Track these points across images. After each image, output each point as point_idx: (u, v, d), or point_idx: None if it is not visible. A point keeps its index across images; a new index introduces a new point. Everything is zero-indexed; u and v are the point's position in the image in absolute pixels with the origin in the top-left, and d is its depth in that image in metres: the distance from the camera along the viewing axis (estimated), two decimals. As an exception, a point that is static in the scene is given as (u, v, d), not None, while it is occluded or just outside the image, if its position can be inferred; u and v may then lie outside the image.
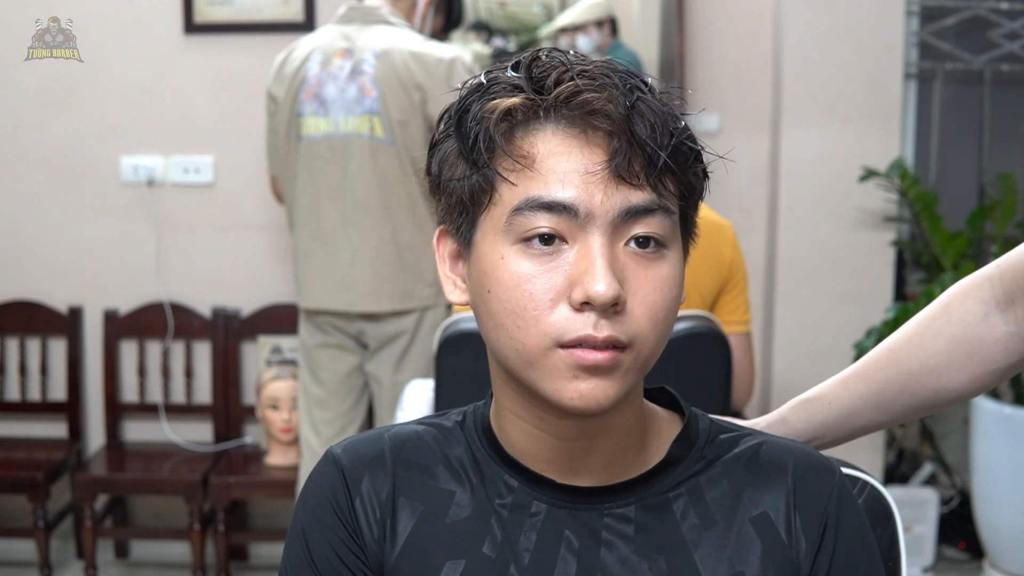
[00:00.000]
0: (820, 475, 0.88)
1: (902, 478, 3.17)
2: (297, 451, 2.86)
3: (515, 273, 0.79)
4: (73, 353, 3.14)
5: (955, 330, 0.98)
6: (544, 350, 0.79)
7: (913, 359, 0.99)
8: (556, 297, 0.78)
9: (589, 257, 0.77)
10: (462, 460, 0.90)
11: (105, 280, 3.13)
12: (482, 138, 0.80)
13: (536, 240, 0.78)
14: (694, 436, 0.90)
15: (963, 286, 0.99)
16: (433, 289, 2.55)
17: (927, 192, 2.88)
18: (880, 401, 1.01)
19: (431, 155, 0.86)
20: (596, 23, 3.68)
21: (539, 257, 0.78)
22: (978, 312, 0.97)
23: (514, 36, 4.02)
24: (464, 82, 0.85)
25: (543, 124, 0.80)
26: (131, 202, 3.09)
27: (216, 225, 3.10)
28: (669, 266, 0.81)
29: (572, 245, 0.78)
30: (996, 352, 0.97)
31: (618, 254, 0.79)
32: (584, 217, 0.77)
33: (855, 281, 2.94)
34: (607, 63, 0.82)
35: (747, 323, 2.10)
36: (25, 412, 3.18)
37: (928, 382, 0.99)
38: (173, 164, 3.07)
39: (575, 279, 0.77)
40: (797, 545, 0.85)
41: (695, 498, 0.87)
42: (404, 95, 2.43)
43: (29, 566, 3.03)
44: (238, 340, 3.12)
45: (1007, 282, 0.96)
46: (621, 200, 0.78)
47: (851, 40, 2.87)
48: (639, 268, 0.79)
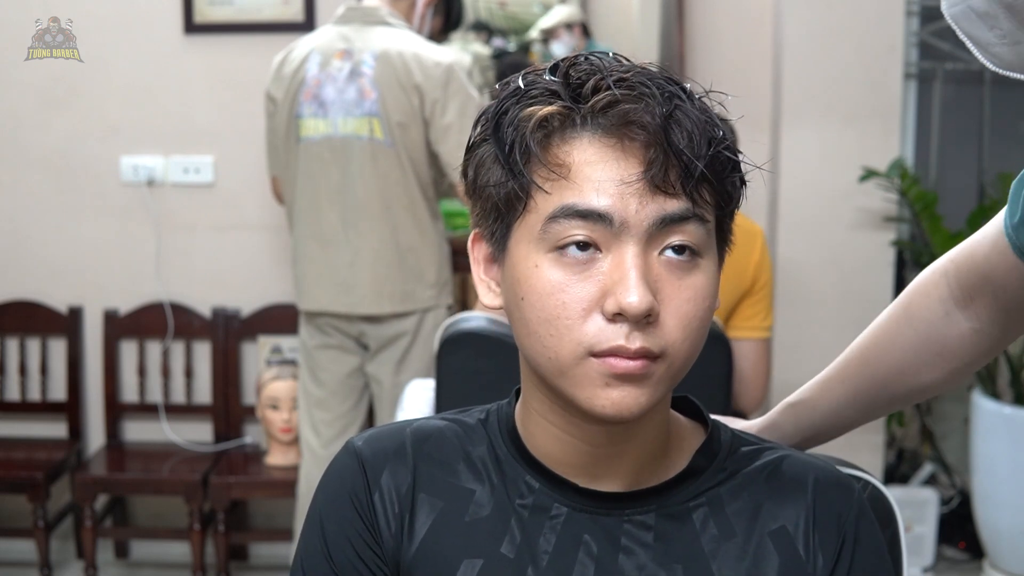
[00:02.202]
0: (840, 491, 0.88)
1: (902, 478, 3.17)
2: (297, 451, 2.86)
3: (548, 282, 0.79)
4: (73, 353, 3.14)
5: (919, 330, 0.97)
6: (577, 359, 0.79)
7: (883, 362, 0.99)
8: (589, 307, 0.78)
9: (623, 267, 0.77)
10: (484, 459, 0.90)
11: (105, 280, 3.13)
12: (518, 146, 0.80)
13: (570, 248, 0.78)
14: (716, 447, 0.90)
15: (921, 284, 0.99)
16: (434, 290, 2.55)
17: (927, 192, 2.88)
18: (860, 401, 1.02)
19: (468, 159, 0.85)
20: (566, 27, 3.72)
21: (573, 266, 0.78)
22: (938, 311, 0.97)
23: (514, 36, 4.02)
24: (504, 82, 0.84)
25: (579, 132, 0.79)
26: (131, 202, 3.09)
27: (216, 225, 3.10)
28: (704, 275, 0.81)
29: (606, 254, 0.78)
30: (962, 348, 0.96)
31: (652, 263, 0.78)
32: (619, 226, 0.77)
33: (855, 281, 2.93)
34: (645, 69, 0.81)
35: (767, 329, 2.09)
36: (25, 412, 3.18)
37: (902, 380, 0.99)
38: (173, 164, 3.07)
39: (608, 289, 0.77)
40: (815, 561, 0.86)
41: (715, 509, 0.87)
42: (403, 97, 2.43)
43: (29, 566, 3.03)
44: (238, 340, 3.12)
45: (963, 279, 0.95)
46: (656, 209, 0.78)
47: (851, 40, 2.87)
48: (673, 278, 0.79)
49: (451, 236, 2.82)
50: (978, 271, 0.93)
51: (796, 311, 2.95)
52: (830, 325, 2.91)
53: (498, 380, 1.10)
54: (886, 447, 3.08)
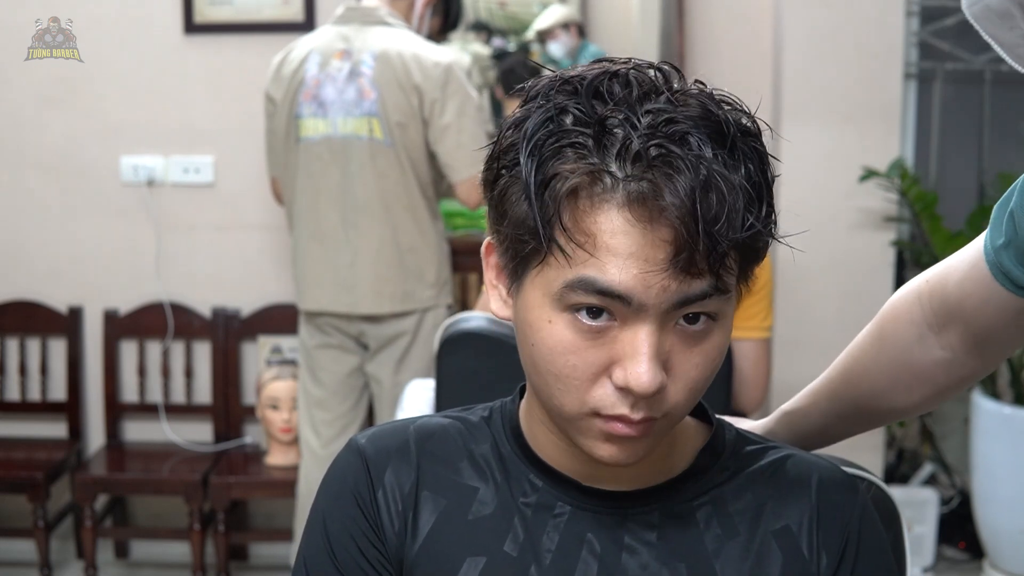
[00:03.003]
0: (844, 492, 0.88)
1: (902, 478, 3.17)
2: (297, 451, 2.86)
3: (560, 341, 0.77)
4: (73, 353, 3.14)
5: (892, 355, 0.95)
6: (581, 415, 0.79)
7: (863, 384, 0.98)
8: (599, 371, 0.77)
9: (635, 343, 0.75)
10: (487, 457, 0.90)
11: (105, 280, 3.13)
12: (542, 208, 0.75)
13: (585, 311, 0.76)
14: (720, 447, 0.90)
15: (893, 307, 0.96)
16: (433, 290, 2.55)
17: (927, 192, 2.88)
18: (847, 415, 1.02)
19: (490, 171, 0.81)
20: (563, 27, 3.73)
21: (586, 331, 0.76)
22: (912, 335, 0.94)
23: (514, 36, 4.02)
24: (531, 89, 0.79)
25: (609, 198, 0.74)
26: (131, 202, 3.09)
27: (216, 225, 3.10)
28: (718, 335, 0.79)
29: (621, 325, 0.76)
30: (938, 373, 0.94)
31: (667, 335, 0.77)
32: (636, 306, 0.75)
33: (855, 281, 2.93)
34: (685, 103, 0.75)
35: (767, 329, 2.09)
36: (25, 412, 3.18)
37: (882, 402, 0.98)
38: (173, 164, 3.07)
39: (619, 358, 0.76)
40: (818, 560, 0.86)
41: (719, 508, 0.87)
42: (403, 97, 2.43)
43: (29, 566, 3.03)
44: (238, 340, 3.12)
45: (936, 306, 0.92)
46: (678, 291, 0.74)
47: (851, 40, 2.87)
48: (685, 347, 0.77)
49: (451, 236, 2.82)
50: (951, 297, 0.91)
51: (796, 311, 2.95)
52: (830, 325, 2.91)
53: (498, 380, 1.10)
54: (886, 447, 3.08)
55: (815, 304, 2.94)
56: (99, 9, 2.95)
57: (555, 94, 0.77)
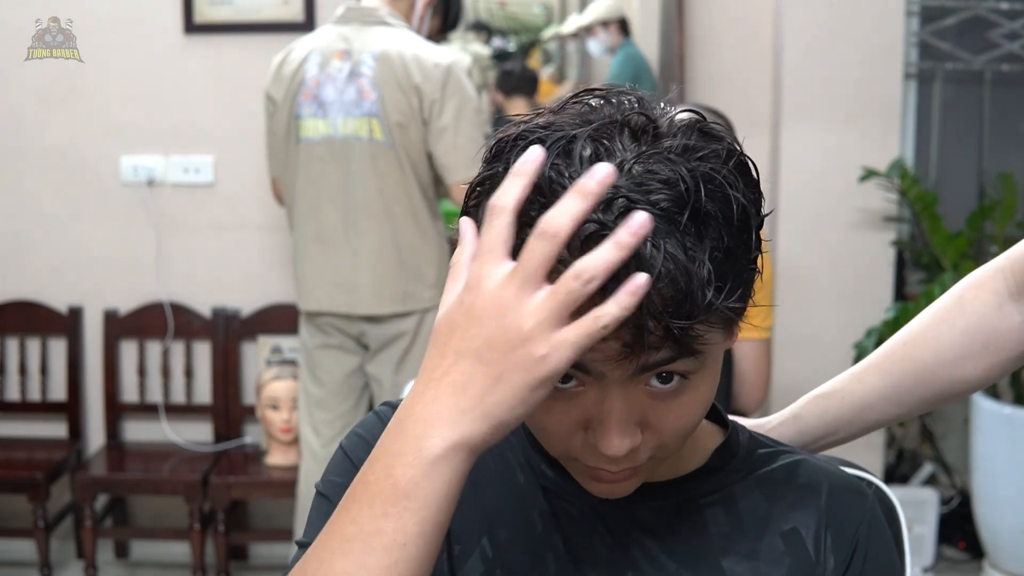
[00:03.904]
0: (853, 498, 0.89)
1: (902, 478, 3.17)
2: (297, 451, 2.86)
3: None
4: (73, 353, 3.14)
5: (969, 321, 0.99)
6: (567, 458, 0.80)
7: (928, 351, 1.00)
8: (574, 427, 0.76)
9: (601, 410, 0.74)
10: (510, 440, 0.90)
11: (105, 280, 3.13)
12: None
13: None
14: (735, 448, 0.91)
15: (976, 277, 1.00)
16: (433, 291, 2.55)
17: (927, 192, 2.88)
18: (895, 394, 1.01)
19: (474, 194, 0.77)
20: (603, 24, 3.67)
21: (557, 394, 0.74)
22: (992, 303, 0.98)
23: (514, 36, 4.02)
24: (493, 160, 0.75)
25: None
26: (131, 202, 3.09)
27: (216, 225, 3.10)
28: (699, 387, 0.76)
29: (588, 388, 0.74)
30: (1011, 341, 0.98)
31: (636, 397, 0.74)
32: (597, 375, 0.73)
33: (855, 281, 2.94)
34: (652, 191, 0.69)
35: (767, 329, 2.09)
36: (25, 412, 3.18)
37: (944, 373, 0.99)
38: (173, 164, 3.07)
39: (590, 420, 0.75)
40: (825, 563, 0.86)
41: (728, 506, 0.87)
42: (403, 98, 2.43)
43: (29, 566, 3.03)
44: (238, 340, 3.12)
45: (1018, 272, 0.97)
46: (640, 361, 0.71)
47: (851, 40, 2.87)
48: (661, 405, 0.75)
49: (451, 236, 2.82)
50: None
51: (796, 311, 2.95)
52: (830, 325, 2.91)
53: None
54: (886, 447, 3.08)
55: (815, 304, 2.94)
56: (99, 9, 2.95)
57: (515, 157, 0.71)
